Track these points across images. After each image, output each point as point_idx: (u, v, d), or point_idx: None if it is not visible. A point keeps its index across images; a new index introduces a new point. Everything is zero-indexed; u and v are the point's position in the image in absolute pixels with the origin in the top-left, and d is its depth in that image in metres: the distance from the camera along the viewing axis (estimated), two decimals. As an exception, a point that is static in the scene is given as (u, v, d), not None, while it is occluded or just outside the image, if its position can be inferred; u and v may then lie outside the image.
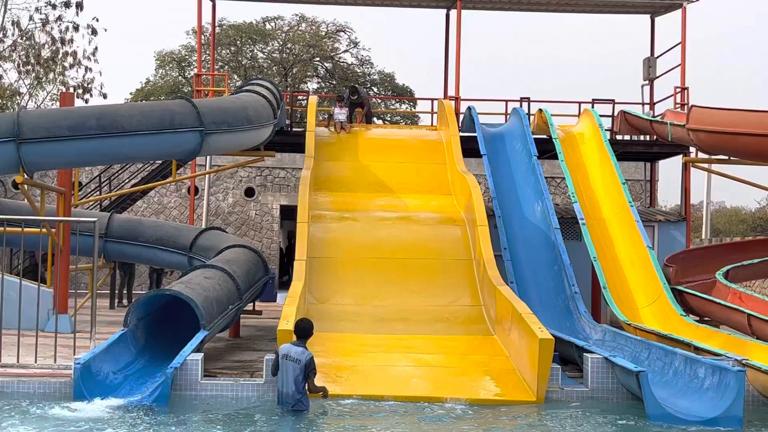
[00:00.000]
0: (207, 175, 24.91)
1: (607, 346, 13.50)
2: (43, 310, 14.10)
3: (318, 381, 10.81)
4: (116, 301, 23.16)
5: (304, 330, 10.83)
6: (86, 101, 32.92)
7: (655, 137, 20.84)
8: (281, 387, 10.61)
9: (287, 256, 33.24)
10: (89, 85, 33.66)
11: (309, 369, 10.48)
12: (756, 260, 17.66)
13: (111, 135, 15.13)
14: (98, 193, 26.73)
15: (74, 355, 11.76)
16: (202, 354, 11.99)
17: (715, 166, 21.29)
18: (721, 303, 15.58)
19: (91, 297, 13.07)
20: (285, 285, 25.19)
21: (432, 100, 23.45)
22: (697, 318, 16.31)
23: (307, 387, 10.52)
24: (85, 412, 10.19)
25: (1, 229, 12.61)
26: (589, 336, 14.61)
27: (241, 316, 16.75)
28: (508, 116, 21.85)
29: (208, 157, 24.86)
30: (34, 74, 34.15)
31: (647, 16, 24.62)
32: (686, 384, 11.44)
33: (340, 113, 20.70)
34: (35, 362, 12.07)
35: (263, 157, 21.54)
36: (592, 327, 14.88)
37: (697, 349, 12.39)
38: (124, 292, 23.72)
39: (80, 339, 12.76)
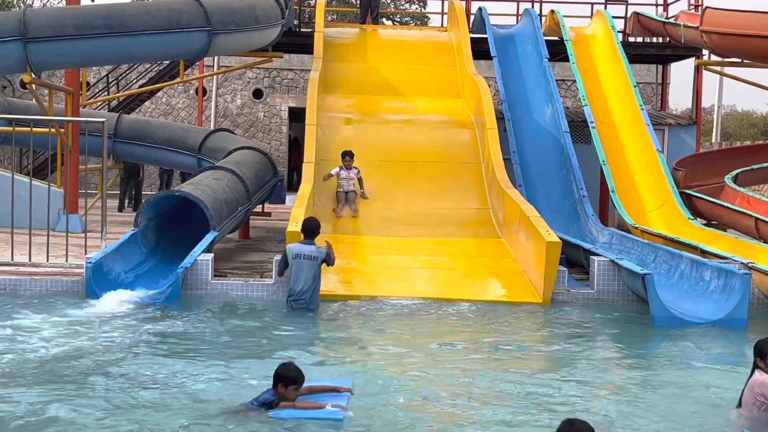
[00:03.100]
0: (215, 76, 24.75)
1: (614, 249, 13.58)
2: (53, 210, 14.18)
3: (326, 282, 11.15)
4: (126, 202, 23.28)
5: (311, 229, 11.02)
6: (92, 0, 32.54)
7: (667, 39, 20.56)
8: (294, 285, 10.76)
9: None
10: (95, -16, 33.21)
11: (330, 258, 10.92)
12: (765, 164, 17.58)
13: (118, 35, 15.05)
14: (106, 93, 26.62)
15: (85, 254, 11.87)
16: (212, 254, 12.11)
17: (727, 69, 21.05)
18: (729, 207, 15.59)
19: (101, 197, 13.14)
20: (292, 187, 25.26)
21: (442, 0, 23.08)
22: (705, 222, 16.34)
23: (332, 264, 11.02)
24: (96, 309, 10.32)
25: (11, 128, 12.59)
26: (596, 239, 14.68)
27: (251, 217, 16.85)
28: (519, 18, 21.54)
29: (216, 58, 24.64)
30: (38, -28, 33.69)
31: None
32: (692, 286, 11.53)
33: (348, 179, 14.94)
34: (47, 261, 12.21)
35: (271, 58, 21.35)
36: (600, 230, 14.94)
37: (704, 253, 12.45)
38: (134, 193, 23.80)
39: (91, 239, 12.85)
